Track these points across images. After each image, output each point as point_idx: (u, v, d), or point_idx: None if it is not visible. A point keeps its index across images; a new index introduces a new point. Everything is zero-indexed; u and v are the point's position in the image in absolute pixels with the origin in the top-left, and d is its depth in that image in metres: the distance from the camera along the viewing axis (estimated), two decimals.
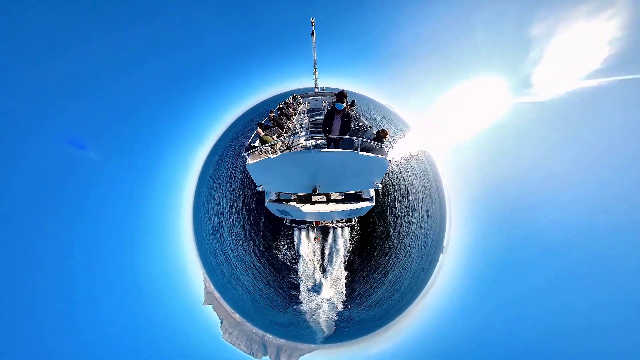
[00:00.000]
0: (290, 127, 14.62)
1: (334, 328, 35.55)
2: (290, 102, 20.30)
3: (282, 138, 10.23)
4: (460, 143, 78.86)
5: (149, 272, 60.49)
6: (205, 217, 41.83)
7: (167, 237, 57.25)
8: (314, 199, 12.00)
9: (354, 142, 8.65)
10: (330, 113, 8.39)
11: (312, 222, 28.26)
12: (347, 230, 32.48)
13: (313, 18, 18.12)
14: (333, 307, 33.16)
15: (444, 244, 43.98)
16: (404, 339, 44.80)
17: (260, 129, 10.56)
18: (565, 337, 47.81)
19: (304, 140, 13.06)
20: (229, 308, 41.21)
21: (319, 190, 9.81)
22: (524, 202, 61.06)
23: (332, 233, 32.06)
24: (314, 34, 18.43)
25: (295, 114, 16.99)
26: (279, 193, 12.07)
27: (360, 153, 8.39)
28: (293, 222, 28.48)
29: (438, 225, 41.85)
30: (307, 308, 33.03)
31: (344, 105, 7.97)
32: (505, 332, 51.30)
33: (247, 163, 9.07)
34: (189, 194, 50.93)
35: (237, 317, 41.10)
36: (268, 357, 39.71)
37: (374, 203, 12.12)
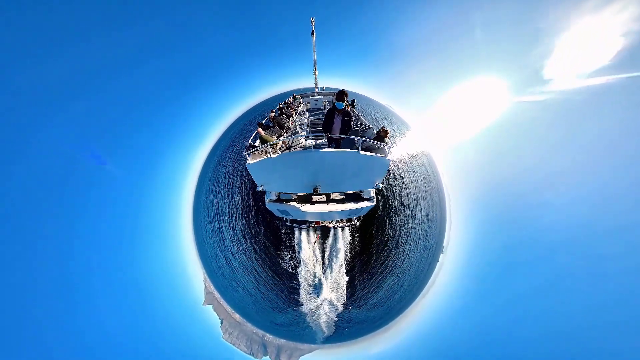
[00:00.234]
0: (291, 126, 14.58)
1: (334, 328, 35.53)
2: (291, 101, 20.24)
3: (282, 138, 10.18)
4: (461, 143, 79.00)
5: (149, 272, 60.50)
6: (205, 220, 41.77)
7: (167, 237, 57.28)
8: (315, 199, 11.96)
9: (355, 141, 8.60)
10: (331, 112, 8.31)
11: (312, 222, 28.21)
12: (347, 230, 32.43)
13: (313, 17, 18.09)
14: (333, 307, 33.12)
15: (444, 244, 43.95)
16: (404, 339, 44.83)
17: (261, 129, 10.52)
18: (565, 336, 47.82)
19: (304, 140, 13.02)
20: (229, 308, 41.17)
21: (320, 190, 9.76)
22: (524, 201, 61.12)
23: (332, 233, 32.03)
24: (314, 34, 18.39)
25: (296, 114, 16.94)
26: (280, 193, 12.03)
27: (361, 152, 8.34)
28: (293, 222, 28.41)
29: (438, 227, 41.82)
30: (307, 308, 32.99)
31: (345, 104, 7.90)
32: (505, 332, 51.31)
33: (247, 163, 9.03)
34: (189, 194, 50.97)
35: (237, 317, 41.06)
36: (268, 357, 39.68)
37: (375, 203, 12.09)
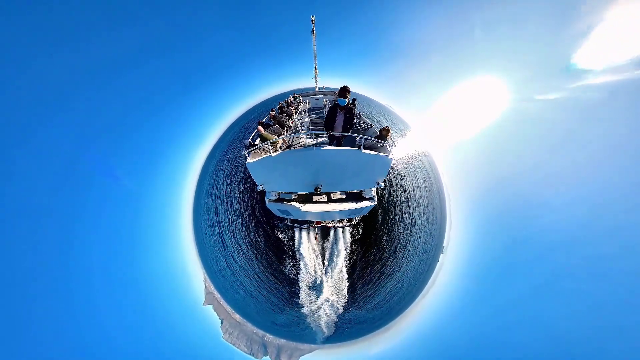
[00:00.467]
0: (291, 125, 14.47)
1: (334, 328, 35.44)
2: (291, 100, 20.13)
3: (282, 136, 10.06)
4: (461, 142, 78.80)
5: (149, 272, 60.43)
6: (205, 223, 41.65)
7: (167, 237, 57.21)
8: (315, 199, 11.83)
9: (356, 140, 8.47)
10: (333, 109, 8.14)
11: (312, 221, 28.11)
12: (348, 230, 32.32)
13: (313, 16, 17.93)
14: (333, 307, 33.03)
15: (444, 245, 43.86)
16: (404, 339, 44.77)
17: (261, 127, 10.42)
18: (566, 336, 47.75)
19: (305, 139, 12.89)
20: (229, 308, 41.07)
21: (321, 189, 9.64)
22: (525, 201, 60.95)
23: (333, 233, 31.92)
24: (314, 32, 18.25)
25: (296, 113, 16.83)
26: (280, 192, 11.90)
27: (364, 151, 8.22)
28: (294, 221, 28.35)
29: (438, 229, 41.75)
30: (307, 309, 32.88)
31: (347, 101, 7.71)
32: (505, 331, 51.22)
33: (247, 162, 8.90)
34: (189, 194, 50.84)
35: (237, 317, 40.95)
36: (268, 357, 39.60)
37: (376, 202, 11.97)
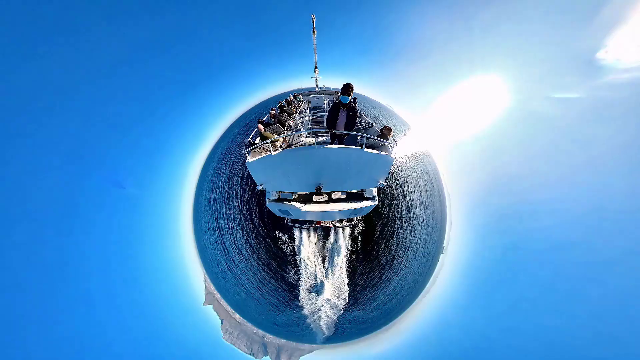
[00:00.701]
0: (292, 124, 14.38)
1: (335, 328, 35.39)
2: (291, 100, 20.05)
3: (283, 135, 9.96)
4: (462, 142, 78.58)
5: (150, 272, 60.35)
6: (205, 226, 41.64)
7: (167, 237, 57.14)
8: (316, 198, 11.74)
9: (358, 139, 8.38)
10: (335, 107, 7.99)
11: (313, 221, 28.00)
12: (348, 230, 32.26)
13: (314, 15, 17.78)
14: (334, 307, 32.97)
15: (444, 245, 43.81)
16: (404, 339, 44.63)
17: (261, 125, 10.32)
18: (566, 336, 47.71)
19: (305, 138, 12.80)
20: (230, 308, 41.02)
21: (322, 189, 9.54)
22: (525, 201, 60.85)
23: (333, 233, 31.85)
24: (315, 31, 18.10)
25: (297, 112, 16.74)
26: (280, 192, 11.81)
27: (365, 150, 8.12)
28: (294, 221, 28.22)
29: (438, 231, 41.68)
30: (308, 309, 32.83)
31: (350, 99, 7.57)
32: (506, 331, 51.14)
33: (247, 161, 8.81)
34: (190, 194, 50.76)
35: (237, 317, 40.91)
36: (268, 357, 39.55)
37: (377, 202, 11.90)
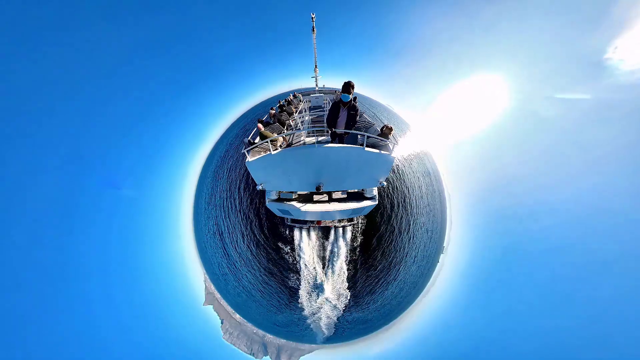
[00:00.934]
0: (292, 124, 14.31)
1: (335, 328, 35.34)
2: (291, 99, 19.96)
3: (283, 134, 9.90)
4: (462, 142, 78.54)
5: (149, 272, 60.35)
6: (206, 229, 41.40)
7: (167, 237, 57.13)
8: (316, 198, 11.67)
9: (359, 138, 8.30)
10: (336, 105, 7.88)
11: (313, 221, 27.93)
12: (348, 230, 32.19)
13: (313, 13, 17.68)
14: (334, 307, 32.92)
15: (444, 245, 43.74)
16: (404, 339, 44.60)
17: (261, 125, 10.25)
18: (566, 336, 47.66)
19: (305, 137, 12.73)
20: (230, 308, 40.97)
21: (323, 188, 9.47)
22: (526, 201, 60.76)
23: (333, 233, 31.79)
24: (315, 30, 18.00)
25: (296, 111, 16.68)
26: (280, 192, 11.74)
27: (366, 149, 8.05)
28: (294, 221, 28.16)
29: (438, 232, 41.57)
30: (308, 309, 32.78)
31: (351, 97, 7.48)
32: (505, 332, 51.09)
33: (247, 160, 8.75)
34: (190, 194, 50.72)
35: (237, 317, 40.86)
36: (268, 357, 39.51)
37: (377, 202, 11.83)
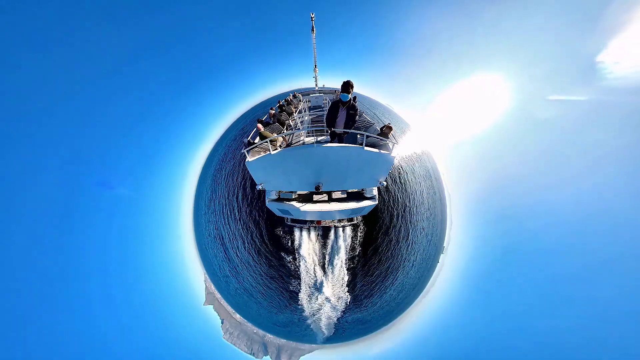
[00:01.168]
0: (291, 124, 14.31)
1: (335, 328, 35.34)
2: (291, 99, 19.96)
3: (282, 134, 9.91)
4: (462, 142, 78.60)
5: (150, 272, 60.37)
6: (206, 232, 41.33)
7: (167, 237, 57.16)
8: (316, 198, 11.68)
9: (358, 138, 8.30)
10: (335, 105, 7.90)
11: (313, 221, 27.90)
12: (348, 230, 32.18)
13: (313, 13, 17.71)
14: (334, 307, 32.91)
15: (444, 245, 43.71)
16: (404, 340, 44.60)
17: (260, 125, 10.26)
18: (566, 335, 47.69)
19: (305, 137, 12.74)
20: (230, 308, 40.97)
21: (322, 188, 9.47)
22: (526, 202, 60.78)
23: (333, 233, 31.78)
24: (314, 30, 18.03)
25: (296, 111, 16.69)
26: (280, 192, 11.75)
27: (366, 148, 8.05)
28: (294, 221, 28.10)
29: (439, 233, 41.51)
30: (308, 309, 32.77)
31: (350, 96, 7.49)
32: (505, 332, 51.11)
33: (246, 160, 8.76)
34: (190, 194, 50.74)
35: (237, 317, 40.86)
36: (269, 357, 39.51)
37: (377, 202, 11.83)
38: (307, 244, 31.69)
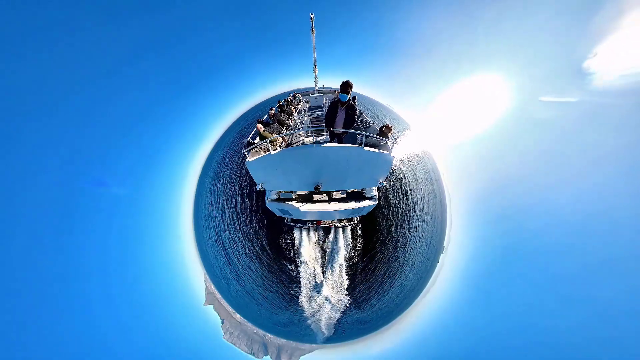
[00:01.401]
0: (291, 124, 14.33)
1: (335, 328, 35.34)
2: (291, 99, 20.00)
3: (282, 134, 9.93)
4: (462, 142, 78.60)
5: (150, 272, 60.37)
6: (207, 235, 41.36)
7: (167, 237, 57.17)
8: (316, 198, 11.68)
9: (357, 138, 8.32)
10: (334, 105, 7.91)
11: (313, 221, 27.91)
12: (348, 230, 32.19)
13: (312, 14, 17.69)
14: (334, 307, 32.91)
15: (444, 245, 43.70)
16: (404, 339, 44.59)
17: (260, 125, 10.28)
18: (566, 335, 47.65)
19: (304, 137, 12.76)
20: (230, 308, 40.98)
21: (322, 188, 9.48)
22: (526, 202, 60.74)
23: (333, 232, 31.79)
24: (314, 30, 18.02)
25: (296, 112, 16.71)
26: (280, 192, 11.76)
27: (365, 148, 8.06)
28: (294, 221, 28.13)
29: (439, 233, 41.52)
30: (308, 308, 32.77)
31: (349, 97, 7.49)
32: (505, 332, 51.09)
33: (246, 160, 8.78)
34: (190, 195, 50.76)
35: (238, 317, 40.86)
36: (269, 357, 39.51)
37: (377, 202, 11.83)
38: (307, 245, 31.71)
